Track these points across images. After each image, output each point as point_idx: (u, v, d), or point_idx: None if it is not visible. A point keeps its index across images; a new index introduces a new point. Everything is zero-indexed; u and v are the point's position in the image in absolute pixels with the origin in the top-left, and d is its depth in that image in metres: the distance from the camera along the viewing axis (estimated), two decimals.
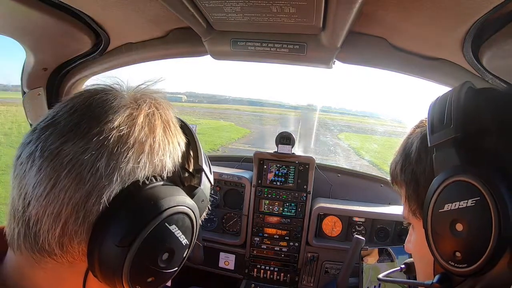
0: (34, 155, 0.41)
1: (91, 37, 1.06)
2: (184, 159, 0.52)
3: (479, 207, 0.45)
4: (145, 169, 0.44)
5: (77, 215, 0.41)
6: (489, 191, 0.44)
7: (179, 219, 0.46)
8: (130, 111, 0.46)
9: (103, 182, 0.41)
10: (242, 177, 2.01)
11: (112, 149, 0.42)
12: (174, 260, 0.47)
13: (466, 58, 0.88)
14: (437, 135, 0.53)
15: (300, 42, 0.99)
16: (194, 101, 38.21)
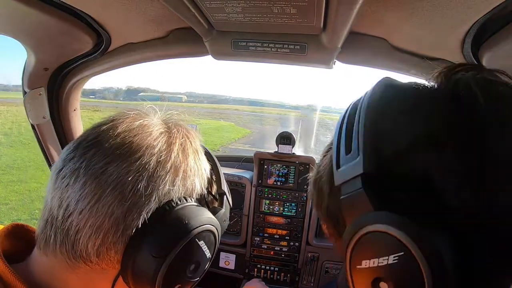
0: (79, 171, 0.46)
1: (92, 37, 1.07)
2: (209, 183, 0.60)
3: (404, 264, 0.34)
4: (179, 191, 0.51)
5: (117, 228, 0.46)
6: (415, 243, 0.33)
7: (206, 235, 0.52)
8: (167, 139, 0.52)
9: (143, 201, 0.47)
10: (243, 177, 2.01)
11: (152, 172, 0.48)
12: (199, 271, 0.54)
13: (466, 59, 0.88)
14: (342, 171, 0.42)
15: (300, 42, 1.00)
16: (195, 101, 38.21)
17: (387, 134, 0.39)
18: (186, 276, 0.51)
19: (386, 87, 0.43)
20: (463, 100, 0.38)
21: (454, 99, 0.38)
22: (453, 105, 0.38)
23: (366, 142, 0.39)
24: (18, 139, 9.95)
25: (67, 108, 1.45)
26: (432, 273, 0.32)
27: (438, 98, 0.40)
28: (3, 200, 6.80)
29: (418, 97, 0.41)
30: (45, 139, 1.41)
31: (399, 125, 0.39)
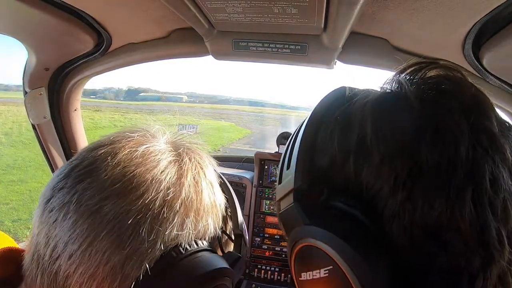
0: (69, 206, 0.39)
1: (93, 37, 1.07)
2: (224, 221, 0.51)
3: (335, 278, 0.33)
4: (189, 235, 0.42)
5: (113, 278, 0.38)
6: (341, 256, 0.33)
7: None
8: (177, 170, 0.43)
9: (145, 247, 0.38)
10: (243, 178, 2.01)
11: (158, 213, 0.39)
12: None
13: (467, 59, 0.88)
14: (281, 187, 0.43)
15: (301, 42, 1.00)
16: (195, 101, 38.20)
17: (320, 148, 0.39)
18: None
19: (328, 100, 0.43)
20: (397, 104, 0.37)
21: (388, 104, 0.38)
22: (385, 111, 0.37)
23: (298, 157, 0.40)
24: (18, 139, 9.97)
25: (67, 108, 1.45)
26: (361, 284, 0.31)
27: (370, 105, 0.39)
28: (3, 200, 6.81)
29: (353, 106, 0.39)
30: (46, 139, 1.42)
31: (332, 137, 0.38)
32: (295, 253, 0.39)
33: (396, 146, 0.34)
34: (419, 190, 0.32)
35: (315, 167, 0.39)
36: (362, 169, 0.35)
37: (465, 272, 0.32)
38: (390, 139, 0.34)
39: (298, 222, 0.38)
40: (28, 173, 8.12)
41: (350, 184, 0.36)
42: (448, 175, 0.32)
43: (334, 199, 0.37)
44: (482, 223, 0.31)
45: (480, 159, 0.32)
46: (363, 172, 0.35)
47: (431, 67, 0.40)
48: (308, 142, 0.40)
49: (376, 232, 0.33)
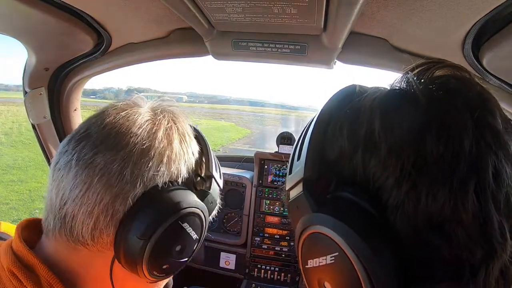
0: (71, 163, 0.50)
1: (93, 37, 1.07)
2: (197, 166, 0.60)
3: (341, 264, 0.35)
4: (163, 176, 0.52)
5: (107, 213, 0.49)
6: (348, 243, 0.34)
7: (191, 218, 0.54)
8: (151, 126, 0.54)
9: (129, 187, 0.50)
10: (243, 177, 2.02)
11: (136, 160, 0.50)
12: (185, 252, 0.56)
13: (467, 59, 0.88)
14: (291, 177, 0.45)
15: (301, 42, 1.00)
16: (195, 101, 38.18)
17: (330, 141, 0.42)
18: (172, 256, 0.54)
19: (338, 96, 0.45)
20: (405, 100, 0.39)
21: (396, 100, 0.40)
22: (393, 106, 0.39)
23: (309, 148, 0.42)
24: (18, 139, 9.97)
25: (67, 108, 1.45)
26: (366, 271, 0.33)
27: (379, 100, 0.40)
28: (3, 199, 6.81)
29: (363, 102, 0.41)
30: (46, 139, 1.42)
31: (342, 131, 0.41)
32: (303, 240, 0.41)
33: (403, 139, 0.35)
34: (423, 181, 0.33)
35: (325, 159, 0.41)
36: (369, 161, 0.37)
37: (467, 264, 0.32)
38: (397, 132, 0.36)
39: (307, 210, 0.40)
40: (28, 173, 8.12)
41: (357, 176, 0.38)
42: (451, 167, 0.33)
43: (342, 190, 0.39)
44: (484, 215, 0.32)
45: (483, 154, 0.33)
46: (370, 164, 0.37)
47: (438, 66, 0.43)
48: (318, 135, 0.42)
49: (382, 222, 0.35)
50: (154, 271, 0.52)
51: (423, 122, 0.35)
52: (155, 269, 0.52)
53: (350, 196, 0.37)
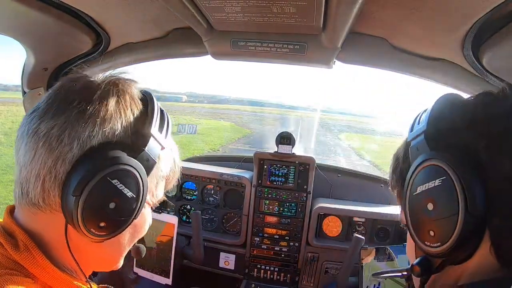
0: (23, 135, 0.55)
1: (92, 37, 1.06)
2: (137, 125, 0.60)
3: (445, 185, 0.51)
4: (98, 136, 0.55)
5: (50, 175, 0.53)
6: (453, 170, 0.50)
7: (121, 174, 0.55)
8: (89, 92, 0.57)
9: (67, 149, 0.53)
10: (242, 177, 2.01)
11: (73, 123, 0.54)
12: (122, 210, 0.57)
13: (466, 58, 0.88)
14: (412, 132, 0.62)
15: (300, 42, 0.99)
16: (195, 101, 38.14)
17: (444, 117, 0.58)
18: (108, 214, 0.55)
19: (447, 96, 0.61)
20: (501, 102, 0.54)
21: (496, 100, 0.55)
22: (492, 104, 0.54)
23: (430, 117, 0.58)
24: None
25: None
26: (463, 191, 0.48)
27: (484, 99, 0.56)
28: (3, 199, 6.80)
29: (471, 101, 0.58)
30: None
31: (456, 115, 0.57)
32: (418, 172, 0.56)
33: (493, 124, 0.52)
34: (505, 150, 0.50)
35: (439, 126, 0.58)
36: (471, 135, 0.53)
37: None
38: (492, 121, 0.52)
39: (424, 150, 0.57)
40: None
41: (461, 139, 0.54)
42: None
43: (450, 143, 0.55)
44: None
45: None
46: (470, 137, 0.53)
47: None
48: (437, 111, 0.59)
49: (482, 162, 0.50)
50: (91, 228, 0.54)
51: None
52: (92, 226, 0.54)
53: (456, 146, 0.53)
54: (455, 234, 0.49)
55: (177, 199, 2.16)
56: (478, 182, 0.49)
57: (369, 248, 1.52)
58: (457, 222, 0.49)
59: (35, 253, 0.54)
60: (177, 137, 14.12)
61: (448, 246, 0.50)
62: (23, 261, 0.53)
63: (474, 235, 0.50)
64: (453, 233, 0.49)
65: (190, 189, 2.16)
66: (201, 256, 1.69)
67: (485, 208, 0.48)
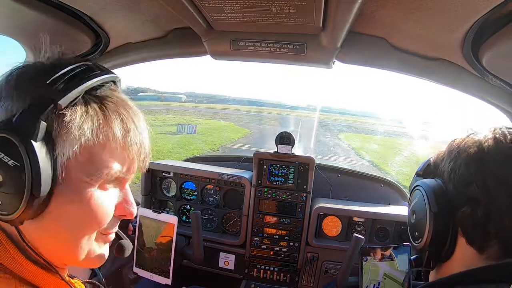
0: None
1: (91, 37, 1.06)
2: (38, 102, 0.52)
3: (420, 199, 0.77)
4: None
5: None
6: (422, 187, 0.76)
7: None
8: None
9: None
10: (242, 177, 2.01)
11: None
12: (10, 182, 0.50)
13: (466, 58, 0.88)
14: (415, 175, 0.89)
15: (300, 42, 0.99)
16: (194, 101, 38.16)
17: (429, 163, 0.84)
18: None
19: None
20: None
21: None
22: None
23: (423, 165, 0.85)
24: None
25: None
26: (427, 199, 0.73)
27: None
28: None
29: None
30: None
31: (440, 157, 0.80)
32: (410, 197, 0.83)
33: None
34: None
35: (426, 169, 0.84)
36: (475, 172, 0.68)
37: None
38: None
39: (414, 182, 0.83)
40: None
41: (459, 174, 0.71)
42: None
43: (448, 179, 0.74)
44: None
45: None
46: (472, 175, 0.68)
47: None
48: (425, 164, 0.85)
49: (444, 181, 0.73)
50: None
51: None
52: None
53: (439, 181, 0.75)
54: (427, 228, 0.71)
55: (177, 199, 2.15)
56: (438, 192, 0.72)
57: (377, 248, 1.51)
58: (426, 220, 0.71)
59: (8, 247, 0.52)
60: (177, 137, 14.02)
61: (425, 239, 0.72)
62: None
63: (442, 228, 0.69)
64: (425, 228, 0.71)
65: (190, 189, 2.16)
66: (200, 256, 1.69)
67: (446, 207, 0.69)
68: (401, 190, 2.09)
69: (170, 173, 2.13)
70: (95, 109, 0.56)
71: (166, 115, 23.03)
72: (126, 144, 0.59)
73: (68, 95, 0.53)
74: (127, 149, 0.60)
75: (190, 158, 2.56)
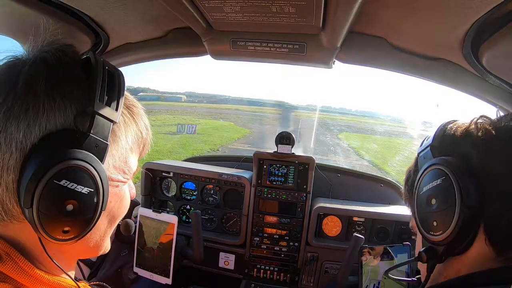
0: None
1: (91, 37, 1.06)
2: (77, 104, 0.51)
3: (445, 183, 0.61)
4: (35, 133, 0.48)
5: (1, 188, 0.48)
6: (451, 170, 0.61)
7: (68, 172, 0.49)
8: (13, 80, 0.49)
9: (7, 156, 0.47)
10: (242, 177, 2.01)
11: (4, 126, 0.47)
12: (83, 209, 0.51)
13: (466, 58, 0.88)
14: (421, 147, 0.74)
15: (300, 42, 0.99)
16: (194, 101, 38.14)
17: (445, 134, 0.69)
18: (67, 217, 0.50)
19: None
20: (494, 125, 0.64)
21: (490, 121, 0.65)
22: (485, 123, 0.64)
23: (435, 135, 0.70)
24: None
25: None
26: (459, 187, 0.59)
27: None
28: None
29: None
30: None
31: (456, 132, 0.67)
32: (425, 174, 0.68)
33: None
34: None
35: (443, 140, 0.69)
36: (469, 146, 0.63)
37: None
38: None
39: (429, 158, 0.69)
40: None
41: (459, 147, 0.65)
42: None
43: (451, 152, 0.65)
44: None
45: None
46: (469, 147, 0.63)
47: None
48: (441, 130, 0.70)
49: (475, 165, 0.60)
50: (56, 235, 0.50)
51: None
52: (56, 234, 0.50)
53: (454, 154, 0.64)
54: (453, 222, 0.60)
55: (177, 199, 2.16)
56: (471, 180, 0.60)
57: (376, 247, 1.51)
58: (454, 212, 0.59)
59: (19, 261, 0.51)
60: (177, 137, 14.01)
61: (448, 233, 0.61)
62: (9, 272, 0.49)
63: (469, 224, 0.60)
64: (451, 221, 0.60)
65: (190, 189, 2.16)
66: (201, 256, 1.69)
67: (478, 201, 0.59)
68: (401, 190, 2.08)
69: (170, 173, 2.13)
70: (128, 117, 0.61)
71: (166, 115, 23.03)
72: (146, 144, 0.67)
73: (119, 111, 0.57)
74: (145, 149, 0.68)
75: (190, 158, 2.56)
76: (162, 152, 10.74)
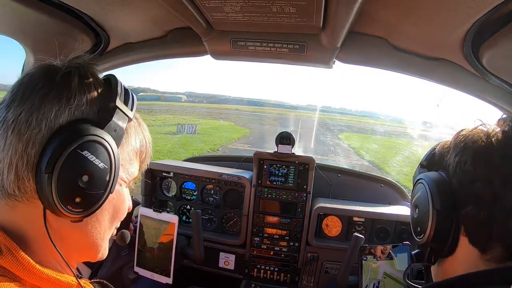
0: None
1: (91, 37, 1.06)
2: (102, 99, 0.61)
3: (423, 193, 0.73)
4: (64, 115, 0.55)
5: (22, 160, 0.53)
6: (425, 181, 0.73)
7: (90, 146, 0.56)
8: (51, 75, 0.57)
9: (36, 131, 0.53)
10: (242, 177, 2.01)
11: (39, 107, 0.54)
12: (95, 182, 0.57)
13: (466, 58, 0.88)
14: (419, 165, 0.85)
15: (300, 42, 0.99)
16: (194, 101, 38.16)
17: (434, 153, 0.80)
18: (82, 188, 0.55)
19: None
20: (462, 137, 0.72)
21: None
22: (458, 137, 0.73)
23: (426, 154, 0.82)
24: None
25: None
26: (430, 192, 0.71)
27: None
28: None
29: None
30: None
31: (439, 149, 0.78)
32: (413, 189, 0.81)
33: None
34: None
35: (429, 160, 0.81)
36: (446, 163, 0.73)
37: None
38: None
39: (417, 174, 0.81)
40: None
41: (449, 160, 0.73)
42: None
43: (442, 167, 0.75)
44: None
45: None
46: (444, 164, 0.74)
47: None
48: (429, 152, 0.82)
49: (450, 176, 0.70)
50: (67, 205, 0.54)
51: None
52: (68, 203, 0.54)
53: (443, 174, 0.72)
54: (429, 225, 0.70)
55: (177, 199, 2.15)
56: (442, 187, 0.69)
57: (377, 247, 1.51)
58: (429, 216, 0.70)
59: (18, 256, 0.53)
60: (177, 137, 13.98)
61: (427, 235, 0.71)
62: (8, 265, 0.52)
63: (445, 225, 0.68)
64: (427, 224, 0.70)
65: (190, 189, 2.16)
66: (201, 256, 1.69)
67: (449, 204, 0.68)
68: (401, 190, 2.09)
69: (170, 173, 2.13)
70: (137, 124, 0.69)
71: (166, 115, 23.04)
72: (147, 155, 0.73)
73: (133, 111, 0.66)
74: (145, 161, 0.74)
75: (190, 158, 2.56)
76: (162, 152, 10.74)
